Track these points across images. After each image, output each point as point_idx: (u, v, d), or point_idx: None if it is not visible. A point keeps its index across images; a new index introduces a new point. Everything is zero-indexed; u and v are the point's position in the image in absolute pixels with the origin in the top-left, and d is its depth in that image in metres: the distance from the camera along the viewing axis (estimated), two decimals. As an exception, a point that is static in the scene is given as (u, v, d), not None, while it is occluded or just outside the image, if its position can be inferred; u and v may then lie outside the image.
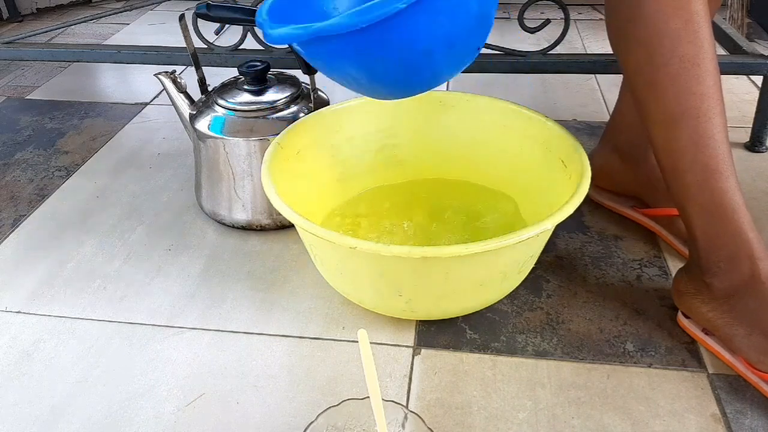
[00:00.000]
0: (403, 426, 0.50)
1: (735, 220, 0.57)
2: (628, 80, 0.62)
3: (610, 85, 1.21)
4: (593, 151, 0.84)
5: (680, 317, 0.67)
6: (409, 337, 0.67)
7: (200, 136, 0.80)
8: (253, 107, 0.79)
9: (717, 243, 0.59)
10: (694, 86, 0.56)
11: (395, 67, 0.52)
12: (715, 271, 0.59)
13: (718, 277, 0.59)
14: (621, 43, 0.61)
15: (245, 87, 0.81)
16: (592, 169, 0.83)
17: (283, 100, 0.80)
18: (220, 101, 0.80)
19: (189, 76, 1.28)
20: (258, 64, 0.80)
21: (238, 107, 0.79)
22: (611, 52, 0.64)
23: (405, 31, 0.48)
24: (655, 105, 0.59)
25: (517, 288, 0.70)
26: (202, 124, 0.80)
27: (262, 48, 0.99)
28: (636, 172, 0.80)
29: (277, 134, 0.74)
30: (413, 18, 0.47)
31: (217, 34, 0.96)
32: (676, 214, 0.66)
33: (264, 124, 0.78)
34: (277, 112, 0.79)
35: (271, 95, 0.80)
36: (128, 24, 1.68)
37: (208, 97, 0.83)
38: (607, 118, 1.11)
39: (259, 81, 0.81)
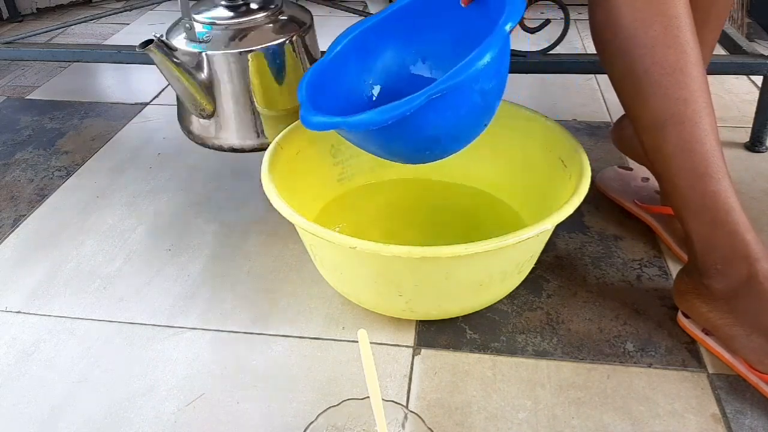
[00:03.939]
0: (403, 426, 0.50)
1: (729, 222, 0.57)
2: (614, 87, 0.62)
3: (610, 85, 1.21)
4: (622, 118, 0.84)
5: (680, 317, 0.67)
6: (409, 337, 0.67)
7: (178, 53, 0.75)
8: (233, 21, 0.75)
9: (713, 245, 0.59)
10: (677, 92, 0.56)
11: (409, 149, 0.61)
12: (713, 273, 0.59)
13: (716, 279, 0.59)
14: (603, 52, 0.61)
15: (222, 2, 0.77)
16: (620, 136, 0.83)
17: (264, 14, 0.76)
18: (198, 16, 0.76)
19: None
20: None
21: (217, 21, 0.75)
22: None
23: (417, 125, 0.56)
24: (640, 112, 0.59)
25: (517, 288, 0.70)
26: (180, 41, 0.75)
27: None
28: None
29: (260, 46, 0.73)
30: (423, 116, 0.55)
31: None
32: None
33: (244, 37, 0.74)
34: (257, 24, 0.76)
35: (251, 8, 0.77)
36: (128, 24, 1.68)
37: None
38: (607, 118, 1.12)
39: None
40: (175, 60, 0.72)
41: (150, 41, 0.70)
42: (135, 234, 0.84)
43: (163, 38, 0.73)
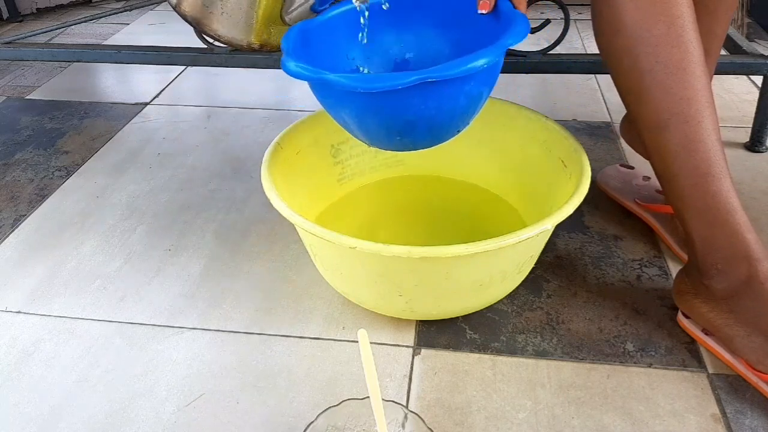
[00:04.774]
0: (403, 426, 0.50)
1: (730, 222, 0.57)
2: (617, 86, 0.62)
3: (610, 85, 1.21)
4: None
5: (680, 317, 0.67)
6: (409, 337, 0.67)
7: None
8: None
9: (713, 245, 0.59)
10: (680, 91, 0.56)
11: (382, 128, 0.59)
12: (713, 273, 0.59)
13: (716, 279, 0.59)
14: (606, 51, 0.61)
15: None
16: (629, 130, 0.84)
17: None
18: None
19: (189, 78, 1.28)
20: None
21: None
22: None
23: (399, 104, 0.55)
24: (643, 110, 0.59)
25: (517, 288, 0.70)
26: None
27: (262, 48, 0.99)
28: None
29: None
30: (408, 97, 0.54)
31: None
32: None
33: None
34: None
35: None
36: (128, 24, 1.68)
37: None
38: (607, 118, 1.12)
39: None
40: None
41: None
42: (135, 234, 0.84)
43: None
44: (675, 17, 0.55)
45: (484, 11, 0.62)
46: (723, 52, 1.02)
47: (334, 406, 0.51)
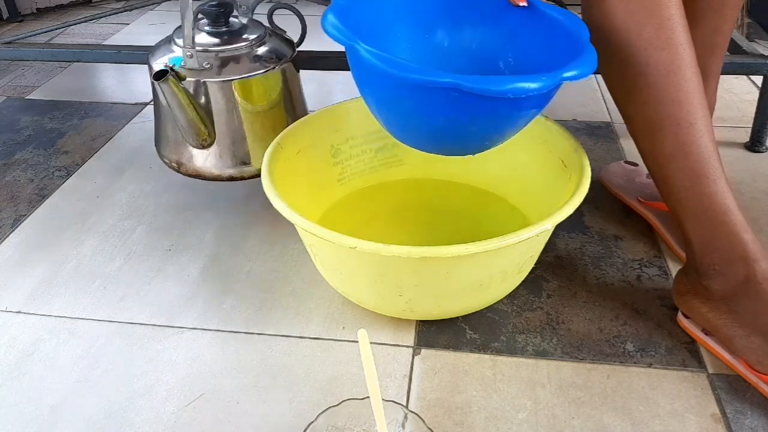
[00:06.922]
0: (403, 426, 0.50)
1: (726, 223, 0.57)
2: (609, 89, 0.62)
3: (610, 85, 1.21)
4: None
5: (680, 317, 0.67)
6: (409, 337, 0.67)
7: (157, 78, 0.70)
8: (215, 47, 0.73)
9: (710, 246, 0.59)
10: (671, 93, 0.56)
11: (472, 137, 0.58)
12: (711, 273, 0.59)
13: (715, 280, 0.59)
14: (597, 54, 0.61)
15: (206, 28, 0.76)
16: None
17: (247, 42, 0.75)
18: (179, 41, 0.74)
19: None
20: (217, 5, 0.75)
21: (199, 47, 0.73)
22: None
23: (510, 109, 0.54)
24: (635, 114, 0.59)
25: (517, 288, 0.70)
26: (159, 64, 0.73)
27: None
28: None
29: (244, 76, 0.73)
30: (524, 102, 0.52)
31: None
32: None
33: (228, 65, 0.73)
34: (242, 52, 0.75)
35: (235, 35, 0.75)
36: (128, 24, 1.68)
37: (168, 38, 0.77)
38: (607, 118, 1.12)
39: (221, 21, 0.75)
40: (186, 89, 0.71)
41: (165, 72, 0.68)
42: (135, 234, 0.84)
43: (175, 68, 0.71)
44: (664, 19, 0.55)
45: (523, 4, 0.62)
46: (723, 52, 1.02)
47: (334, 406, 0.51)
